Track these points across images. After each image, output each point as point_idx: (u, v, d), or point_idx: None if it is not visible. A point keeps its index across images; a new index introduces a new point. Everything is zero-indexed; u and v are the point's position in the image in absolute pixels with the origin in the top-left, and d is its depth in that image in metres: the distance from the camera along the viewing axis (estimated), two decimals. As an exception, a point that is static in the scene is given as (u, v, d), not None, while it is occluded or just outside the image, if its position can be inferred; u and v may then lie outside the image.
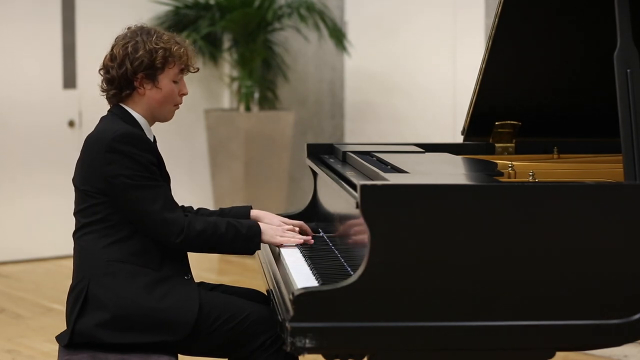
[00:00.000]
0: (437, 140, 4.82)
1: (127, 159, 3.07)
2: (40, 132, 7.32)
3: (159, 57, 3.16)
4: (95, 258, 3.12)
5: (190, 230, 3.10)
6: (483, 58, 3.65)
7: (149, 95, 3.19)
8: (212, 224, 3.15)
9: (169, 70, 3.19)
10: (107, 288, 3.08)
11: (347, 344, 2.72)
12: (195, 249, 3.16)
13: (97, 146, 3.11)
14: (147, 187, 3.08)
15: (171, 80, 3.20)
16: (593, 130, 3.83)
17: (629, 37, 2.95)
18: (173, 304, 3.08)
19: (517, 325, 2.75)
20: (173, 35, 3.23)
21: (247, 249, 3.22)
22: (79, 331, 3.09)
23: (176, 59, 3.19)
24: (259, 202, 7.32)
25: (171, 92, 3.21)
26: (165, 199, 3.11)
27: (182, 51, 3.20)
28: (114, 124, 3.15)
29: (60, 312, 3.21)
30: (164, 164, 3.24)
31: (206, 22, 7.49)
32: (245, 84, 7.59)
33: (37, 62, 7.28)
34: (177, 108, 3.27)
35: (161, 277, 3.12)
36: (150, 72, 3.17)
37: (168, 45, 3.18)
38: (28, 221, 7.33)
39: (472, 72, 3.88)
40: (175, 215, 3.10)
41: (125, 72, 3.16)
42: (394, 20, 7.33)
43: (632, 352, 5.08)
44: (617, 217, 2.79)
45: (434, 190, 2.75)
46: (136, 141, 3.10)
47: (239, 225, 3.18)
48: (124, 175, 3.07)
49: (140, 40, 3.17)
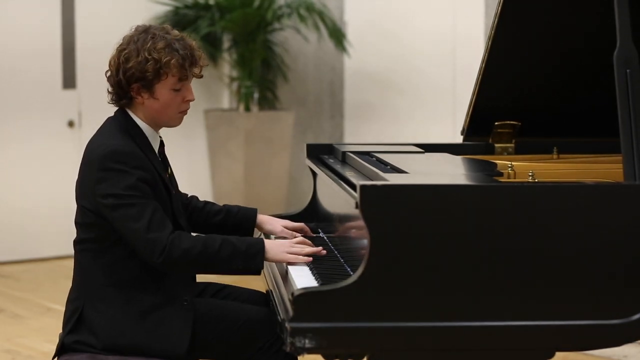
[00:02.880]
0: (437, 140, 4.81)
1: (116, 177, 2.95)
2: (40, 132, 7.32)
3: (150, 69, 2.99)
4: (91, 279, 3.05)
5: (173, 249, 2.92)
6: (483, 58, 3.65)
7: (147, 105, 3.06)
8: (202, 241, 2.97)
9: (165, 81, 3.02)
10: (100, 315, 3.02)
11: (347, 344, 2.72)
12: (184, 269, 3.02)
13: (90, 163, 3.01)
14: (133, 205, 2.94)
15: (170, 90, 3.04)
16: (593, 130, 3.83)
17: (629, 37, 2.95)
18: (163, 339, 3.00)
19: (517, 325, 2.75)
20: (174, 39, 3.04)
21: (248, 269, 3.01)
22: (69, 347, 3.06)
23: (169, 70, 3.01)
24: (259, 202, 7.32)
25: (170, 101, 3.05)
26: (152, 217, 2.94)
27: (174, 61, 3.00)
28: (109, 137, 3.03)
29: (60, 312, 3.20)
30: (167, 172, 3.15)
31: (206, 22, 7.49)
32: (245, 84, 7.59)
33: (37, 62, 7.28)
34: (184, 114, 3.11)
35: (157, 303, 3.02)
36: (144, 83, 3.02)
37: (159, 55, 2.99)
38: (28, 221, 7.33)
39: (472, 72, 3.88)
40: (158, 235, 2.92)
41: (119, 81, 3.03)
42: (394, 20, 7.33)
43: (632, 352, 5.08)
44: (617, 217, 2.78)
45: (433, 190, 2.75)
46: (127, 158, 2.97)
47: (238, 242, 3.00)
48: (112, 195, 2.95)
49: (133, 49, 3.01)
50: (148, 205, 2.96)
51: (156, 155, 3.12)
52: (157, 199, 3.03)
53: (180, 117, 3.12)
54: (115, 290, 3.02)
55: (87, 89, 7.38)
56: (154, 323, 3.01)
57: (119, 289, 3.02)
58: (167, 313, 3.03)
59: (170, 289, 3.05)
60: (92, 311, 3.03)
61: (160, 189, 3.06)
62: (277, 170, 7.57)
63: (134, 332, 3.00)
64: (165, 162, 3.20)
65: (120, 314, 3.01)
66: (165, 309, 3.03)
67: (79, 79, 7.43)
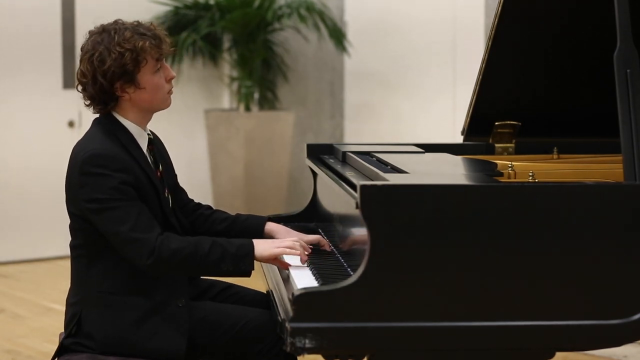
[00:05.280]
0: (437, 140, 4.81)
1: (98, 181, 2.91)
2: (40, 132, 7.32)
3: (128, 60, 2.97)
4: (86, 286, 3.03)
5: (162, 250, 2.88)
6: (483, 58, 3.65)
7: (135, 98, 3.02)
8: (192, 243, 2.92)
9: (145, 67, 3.00)
10: (98, 322, 3.01)
11: (347, 344, 2.72)
12: (173, 270, 2.97)
13: (73, 168, 2.99)
14: (116, 208, 2.90)
15: (152, 74, 3.02)
16: (593, 130, 3.83)
17: (629, 37, 2.95)
18: (160, 343, 2.99)
19: (517, 325, 2.75)
20: (135, 26, 3.03)
21: (237, 271, 2.95)
22: (68, 347, 3.06)
23: (146, 53, 2.99)
24: (258, 202, 7.33)
25: (156, 85, 3.03)
26: (137, 219, 2.90)
27: (148, 43, 2.99)
28: (91, 140, 3.00)
29: (60, 312, 3.20)
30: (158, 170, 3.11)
31: (206, 22, 7.49)
32: (245, 84, 7.59)
33: (37, 62, 7.28)
34: (171, 93, 3.09)
35: (152, 308, 3.00)
36: (126, 77, 2.98)
37: (132, 43, 2.97)
38: (28, 222, 7.33)
39: (472, 72, 3.88)
40: (147, 236, 2.88)
41: (101, 86, 2.98)
42: (394, 20, 7.33)
43: (632, 352, 5.08)
44: (617, 217, 2.78)
45: (433, 190, 2.75)
46: (107, 162, 2.93)
47: (227, 244, 2.94)
48: (94, 200, 2.91)
49: (103, 49, 2.98)
50: (133, 207, 2.92)
51: (143, 153, 3.07)
52: (144, 199, 2.99)
53: (168, 97, 3.09)
54: (110, 297, 3.01)
55: (87, 89, 7.38)
56: (150, 328, 3.00)
57: (113, 295, 3.01)
58: (162, 317, 3.01)
59: (165, 293, 3.03)
60: (90, 317, 3.03)
61: (147, 188, 3.02)
62: (277, 170, 7.57)
63: (131, 338, 2.99)
64: (157, 160, 3.15)
65: (117, 320, 3.00)
66: (161, 313, 3.01)
67: (79, 79, 7.43)
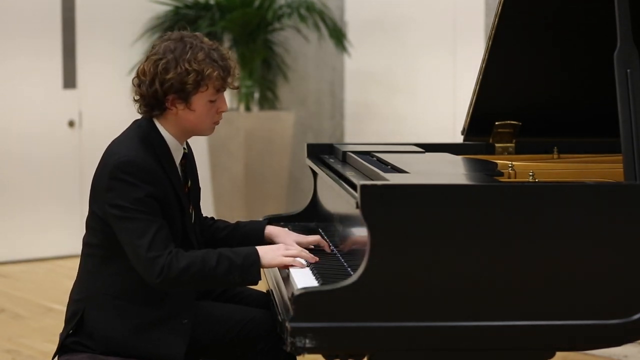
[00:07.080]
0: (437, 140, 4.81)
1: (125, 189, 2.91)
2: (40, 132, 7.32)
3: (190, 80, 2.94)
4: (94, 286, 3.03)
5: (171, 269, 2.87)
6: (483, 58, 3.65)
7: (181, 116, 3.01)
8: (200, 258, 2.91)
9: (203, 93, 2.98)
10: (100, 322, 3.01)
11: (347, 344, 2.72)
12: (183, 286, 2.95)
13: (104, 169, 2.97)
14: (136, 220, 2.89)
15: (207, 101, 3.00)
16: (593, 130, 3.83)
17: (629, 37, 2.95)
18: (160, 351, 2.98)
19: (517, 325, 2.75)
20: (211, 50, 2.99)
21: (245, 280, 2.95)
22: (68, 347, 3.06)
23: (210, 81, 2.97)
24: (259, 202, 7.33)
25: (206, 112, 3.01)
26: (155, 236, 2.89)
27: (217, 74, 2.96)
28: (128, 145, 2.99)
29: (60, 312, 3.20)
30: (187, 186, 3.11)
31: (206, 22, 7.49)
32: (245, 84, 7.59)
33: (37, 62, 7.28)
34: (217, 124, 3.07)
35: (156, 320, 3.00)
36: (182, 95, 2.97)
37: (201, 67, 2.94)
38: (28, 221, 7.33)
39: (472, 72, 3.88)
40: (158, 254, 2.88)
41: (155, 92, 2.97)
42: (394, 21, 7.33)
43: (632, 352, 5.08)
44: (617, 217, 2.78)
45: (434, 190, 2.75)
46: (139, 171, 2.92)
47: (233, 255, 2.94)
48: (118, 206, 2.91)
49: (171, 59, 2.95)
50: (153, 222, 2.91)
51: (176, 167, 3.08)
52: (167, 215, 2.98)
53: (213, 127, 3.08)
54: (117, 301, 3.01)
55: (87, 89, 7.38)
56: (150, 338, 2.99)
57: (120, 299, 3.01)
58: (164, 331, 3.00)
59: (171, 307, 3.02)
60: (93, 317, 3.03)
61: (173, 204, 3.02)
62: (277, 170, 7.57)
63: (130, 343, 2.99)
64: (187, 175, 3.15)
65: (119, 325, 3.00)
66: (164, 326, 3.01)
67: (79, 79, 7.43)
